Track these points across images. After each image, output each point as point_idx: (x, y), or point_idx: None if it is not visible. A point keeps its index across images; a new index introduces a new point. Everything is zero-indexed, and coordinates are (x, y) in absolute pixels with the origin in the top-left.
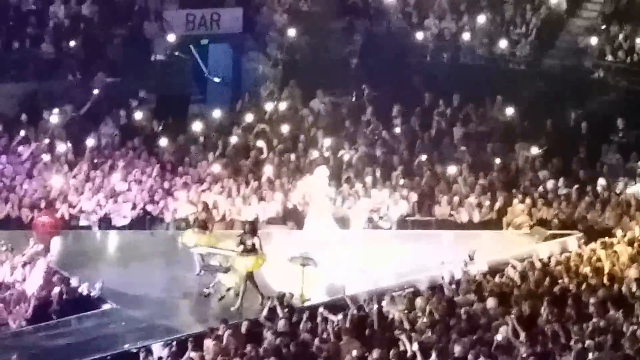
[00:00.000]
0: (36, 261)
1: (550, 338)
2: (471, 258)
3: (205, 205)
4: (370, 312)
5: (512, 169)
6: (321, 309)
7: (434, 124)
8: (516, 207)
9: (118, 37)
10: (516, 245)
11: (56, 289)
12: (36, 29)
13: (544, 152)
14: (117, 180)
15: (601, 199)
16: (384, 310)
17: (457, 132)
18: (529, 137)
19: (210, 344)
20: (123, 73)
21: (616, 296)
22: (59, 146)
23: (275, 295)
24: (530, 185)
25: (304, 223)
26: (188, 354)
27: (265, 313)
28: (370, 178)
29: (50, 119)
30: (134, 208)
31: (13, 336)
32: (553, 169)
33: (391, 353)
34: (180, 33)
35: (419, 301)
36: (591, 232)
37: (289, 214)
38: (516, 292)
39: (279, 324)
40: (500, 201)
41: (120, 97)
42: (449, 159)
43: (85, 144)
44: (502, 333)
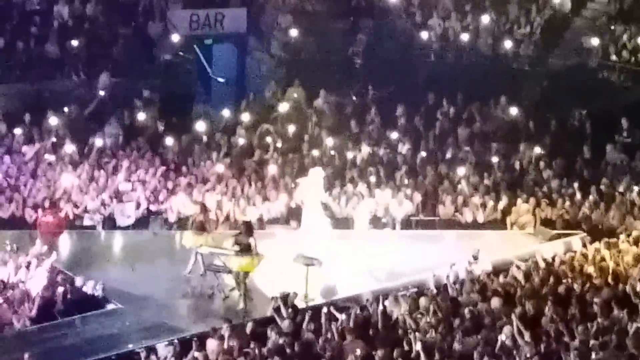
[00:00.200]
0: (40, 261)
1: (554, 338)
2: (475, 258)
3: (202, 206)
4: (374, 312)
5: (516, 169)
6: (326, 308)
7: (438, 124)
8: (520, 207)
9: (122, 37)
10: (520, 245)
11: (60, 289)
12: (40, 29)
13: (548, 152)
14: (121, 180)
15: (605, 199)
16: (388, 310)
17: (461, 132)
18: (533, 137)
19: (214, 344)
20: (127, 73)
21: (620, 296)
22: (63, 146)
23: (279, 295)
24: (534, 185)
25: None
26: (192, 354)
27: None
28: (374, 178)
29: (54, 119)
30: (138, 208)
31: (17, 336)
32: (557, 169)
33: (395, 353)
34: (184, 33)
35: (423, 301)
36: (595, 232)
37: (293, 214)
38: (520, 292)
39: (283, 324)
40: (504, 201)
41: (124, 97)
42: (453, 159)
43: (89, 144)
44: (506, 333)
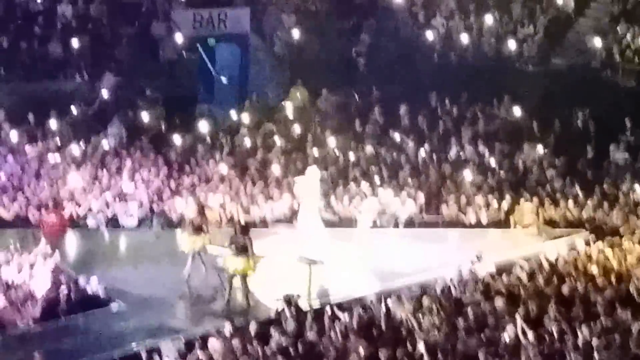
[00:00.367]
0: (44, 261)
1: (557, 337)
2: (479, 258)
3: (200, 208)
4: (377, 312)
5: (520, 169)
6: (329, 308)
7: (441, 124)
8: (524, 207)
9: (125, 37)
10: (524, 244)
11: (64, 288)
12: (44, 29)
13: (552, 152)
14: (125, 179)
15: (609, 199)
16: (391, 310)
17: (465, 132)
18: (537, 137)
19: (217, 344)
20: (130, 73)
21: (624, 295)
22: (67, 146)
23: (282, 295)
24: (537, 185)
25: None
26: (195, 354)
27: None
28: (377, 177)
29: (57, 119)
30: (141, 207)
31: (21, 335)
32: (560, 169)
33: (398, 353)
34: (187, 33)
35: (426, 301)
36: (599, 232)
37: (297, 213)
38: (524, 292)
39: (286, 324)
40: (507, 201)
41: (127, 97)
42: (456, 159)
43: (92, 144)
44: (510, 332)
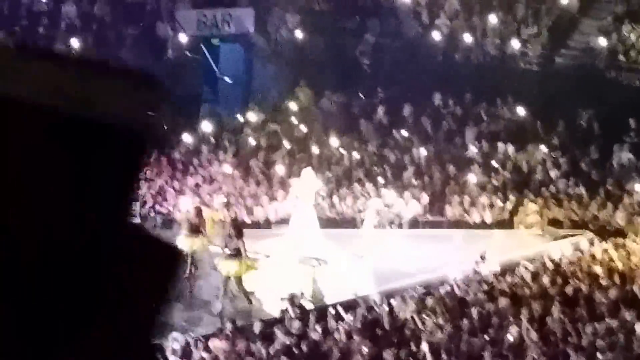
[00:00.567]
0: None
1: (561, 338)
2: (483, 258)
3: (197, 210)
4: (380, 312)
5: (524, 169)
6: (332, 308)
7: (445, 124)
8: (528, 207)
9: (130, 38)
10: (528, 245)
11: None
12: (48, 29)
13: (556, 152)
14: None
15: (613, 199)
16: (395, 310)
17: (469, 132)
18: (541, 137)
19: (220, 344)
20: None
21: (628, 296)
22: None
23: (286, 295)
24: (541, 185)
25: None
26: (198, 354)
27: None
28: (381, 178)
29: None
30: (144, 207)
31: None
32: (564, 169)
33: (402, 353)
34: (191, 33)
35: (430, 301)
36: (603, 232)
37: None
38: (528, 292)
39: (290, 324)
40: (512, 201)
41: None
42: (461, 159)
43: None
44: (514, 333)
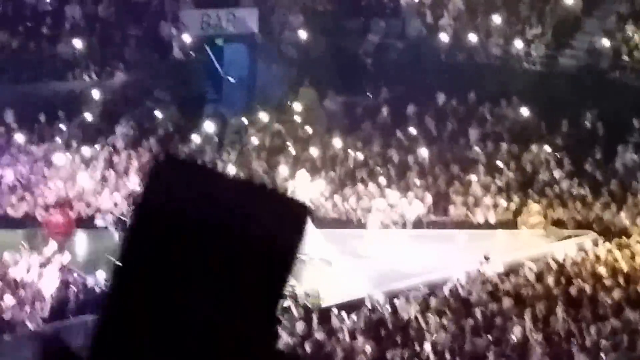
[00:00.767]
0: (52, 261)
1: (565, 338)
2: (486, 258)
3: None
4: (384, 313)
5: (528, 170)
6: (336, 308)
7: (449, 124)
8: (532, 208)
9: (134, 38)
10: (532, 245)
11: (72, 289)
12: (52, 30)
13: (559, 153)
14: (133, 180)
15: (617, 200)
16: (399, 310)
17: (472, 133)
18: (545, 138)
19: None
20: (139, 73)
21: (632, 296)
22: (75, 146)
23: (289, 295)
24: (545, 185)
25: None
26: None
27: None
28: (384, 178)
29: (66, 119)
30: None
31: (29, 335)
32: (568, 169)
33: (405, 353)
34: (195, 33)
35: (434, 301)
36: (607, 233)
37: None
38: (531, 293)
39: (294, 325)
40: (515, 201)
41: (135, 97)
42: (464, 159)
43: (101, 144)
44: (517, 333)
